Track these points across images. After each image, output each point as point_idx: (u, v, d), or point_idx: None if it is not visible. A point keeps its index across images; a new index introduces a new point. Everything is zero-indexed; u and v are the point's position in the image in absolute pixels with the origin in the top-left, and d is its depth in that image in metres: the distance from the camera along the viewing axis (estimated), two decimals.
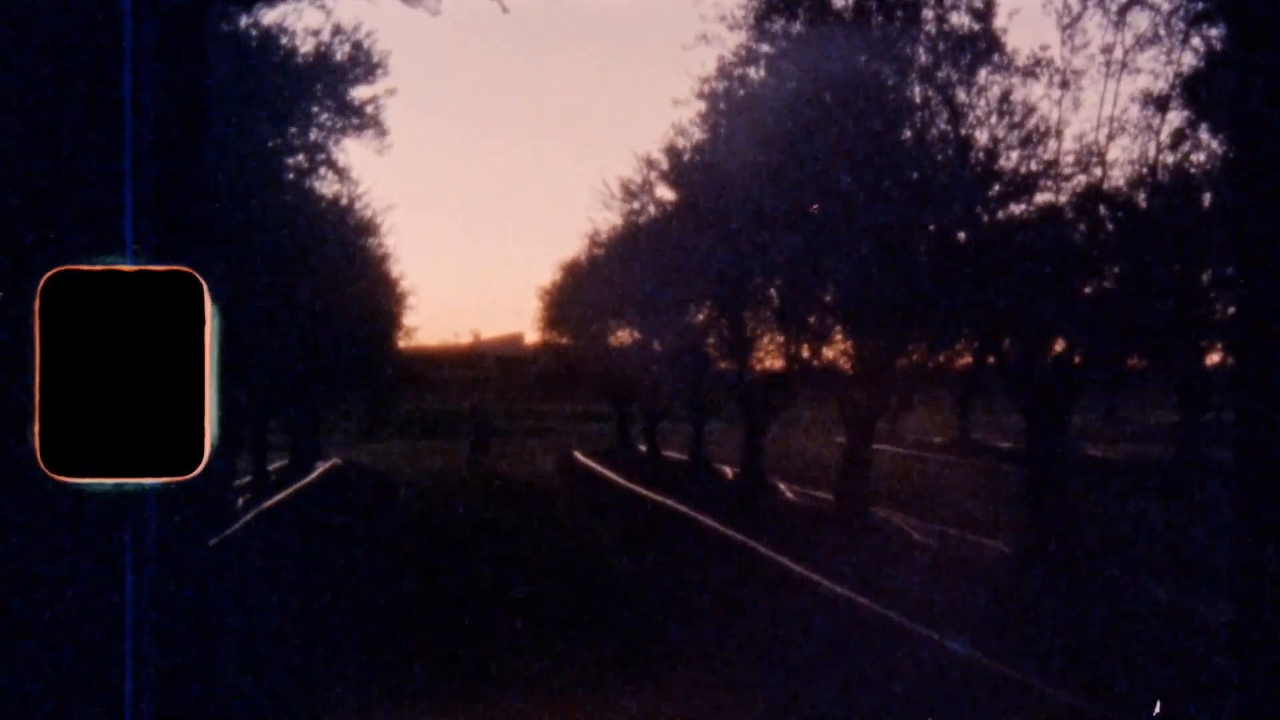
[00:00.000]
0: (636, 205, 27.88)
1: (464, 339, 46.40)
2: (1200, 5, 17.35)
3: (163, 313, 3.70)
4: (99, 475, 3.75)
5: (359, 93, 20.84)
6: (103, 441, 3.72)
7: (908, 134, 19.39)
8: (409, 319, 34.24)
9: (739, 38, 20.45)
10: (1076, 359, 19.69)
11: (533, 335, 41.35)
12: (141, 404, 3.72)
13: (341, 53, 20.14)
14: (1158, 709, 11.16)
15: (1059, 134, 18.61)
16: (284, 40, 19.41)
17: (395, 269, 31.47)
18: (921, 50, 18.62)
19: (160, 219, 4.34)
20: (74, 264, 3.71)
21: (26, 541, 4.33)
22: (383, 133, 21.35)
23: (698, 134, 24.21)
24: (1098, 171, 18.72)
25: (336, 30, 20.05)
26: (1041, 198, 19.31)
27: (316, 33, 20.14)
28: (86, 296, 3.69)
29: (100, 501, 4.28)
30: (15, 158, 4.26)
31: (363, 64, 20.45)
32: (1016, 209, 19.56)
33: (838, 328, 24.05)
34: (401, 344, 35.44)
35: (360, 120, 21.00)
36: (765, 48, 20.35)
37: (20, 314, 4.03)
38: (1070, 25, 17.86)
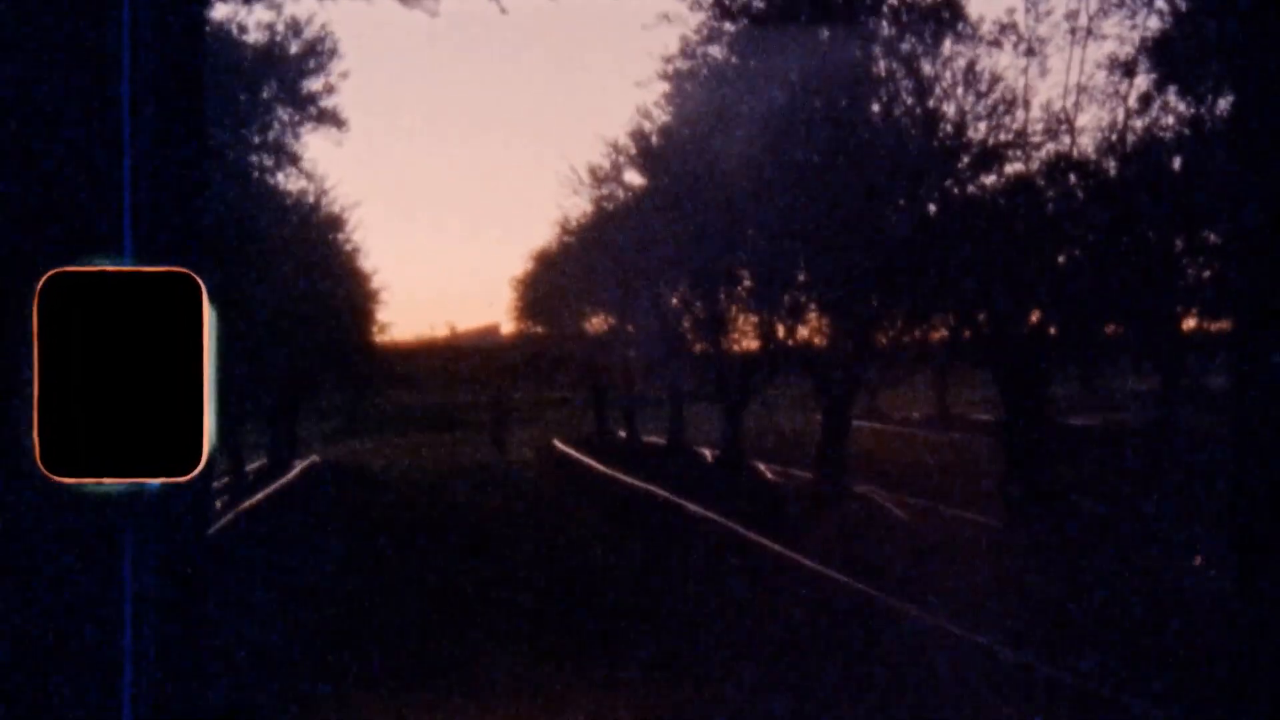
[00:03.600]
0: (606, 191, 27.83)
1: (440, 332, 46.32)
2: None
3: (161, 314, 3.72)
4: (97, 476, 3.76)
5: (314, 85, 20.76)
6: (101, 442, 3.74)
7: (875, 108, 19.29)
8: (383, 314, 34.15)
9: (700, 17, 20.34)
10: (1052, 329, 19.64)
11: (508, 325, 41.32)
12: (140, 405, 3.74)
13: (295, 45, 20.04)
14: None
15: (1026, 103, 18.55)
16: (236, 35, 19.27)
17: (366, 264, 31.38)
18: (885, 23, 18.51)
19: (158, 220, 4.34)
20: (72, 265, 3.72)
21: (24, 543, 4.32)
22: (340, 123, 21.25)
23: (663, 116, 24.12)
24: (1066, 140, 18.65)
25: (290, 24, 19.94)
26: (1011, 168, 19.24)
27: (269, 26, 20.03)
28: (85, 297, 3.71)
29: (99, 502, 4.29)
30: (13, 158, 4.24)
31: (317, 55, 20.35)
32: (987, 180, 19.50)
33: (812, 305, 23.98)
34: (378, 339, 35.38)
35: (318, 112, 20.89)
36: (728, 26, 20.24)
37: (18, 315, 4.02)
38: None
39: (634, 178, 26.97)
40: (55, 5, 4.20)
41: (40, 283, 3.65)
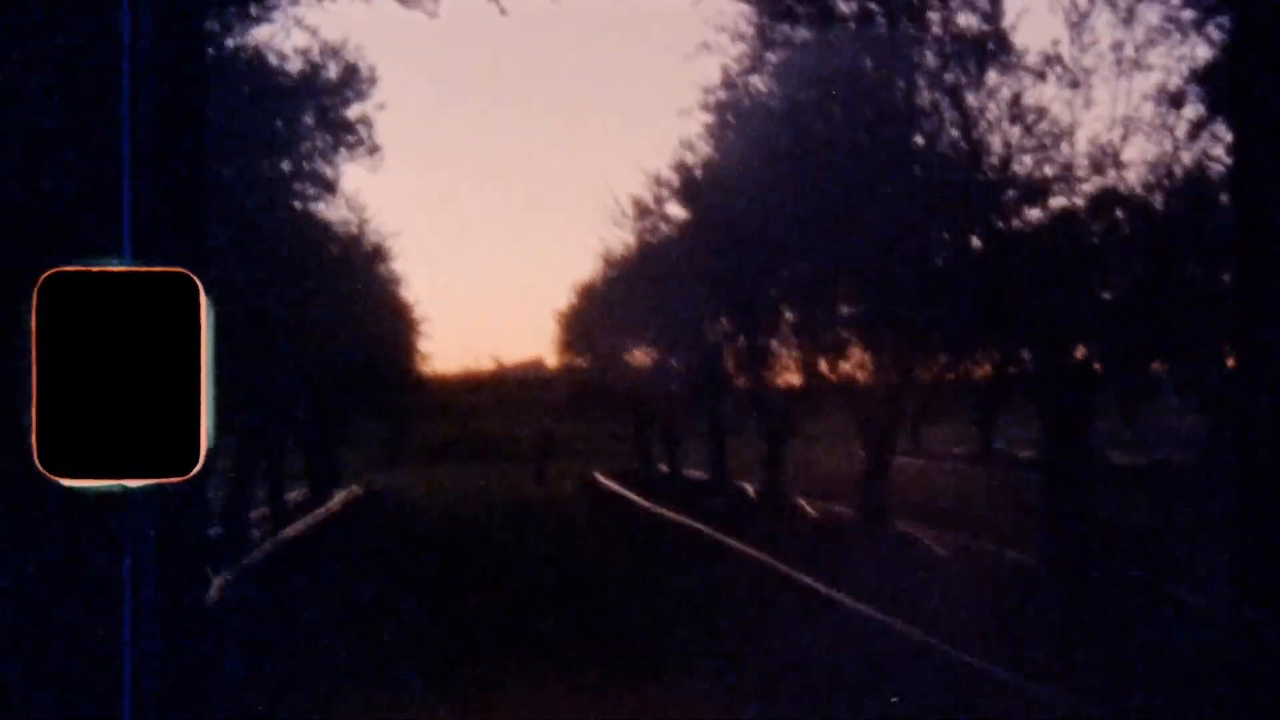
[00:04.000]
0: (648, 223, 27.77)
1: (486, 365, 46.41)
2: None
3: (159, 313, 3.72)
4: (96, 476, 3.77)
5: (351, 111, 20.80)
6: (99, 442, 3.75)
7: (919, 140, 19.16)
8: (425, 345, 34.19)
9: (741, 47, 20.25)
10: (1096, 366, 19.42)
11: (552, 359, 41.35)
12: (138, 405, 3.75)
13: (332, 71, 20.07)
14: None
15: (1072, 136, 18.34)
16: (273, 61, 19.33)
17: (408, 294, 31.41)
18: (929, 54, 18.38)
19: (157, 220, 4.37)
20: (71, 265, 3.72)
21: (23, 543, 4.33)
22: (374, 150, 21.26)
23: (705, 148, 24.08)
24: (1112, 173, 18.44)
25: (325, 49, 19.97)
26: (1056, 202, 19.04)
27: (305, 51, 20.07)
28: (83, 297, 3.71)
29: (97, 502, 4.33)
30: (12, 158, 4.26)
31: (353, 81, 20.37)
32: (1031, 214, 19.30)
33: (854, 340, 23.85)
34: (423, 370, 35.45)
35: (354, 139, 20.91)
36: (769, 56, 20.15)
37: (17, 315, 4.05)
38: (1079, 23, 17.58)
39: (676, 210, 26.94)
40: (55, 8, 4.20)
41: (39, 282, 3.65)
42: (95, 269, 3.69)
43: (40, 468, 3.69)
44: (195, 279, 3.71)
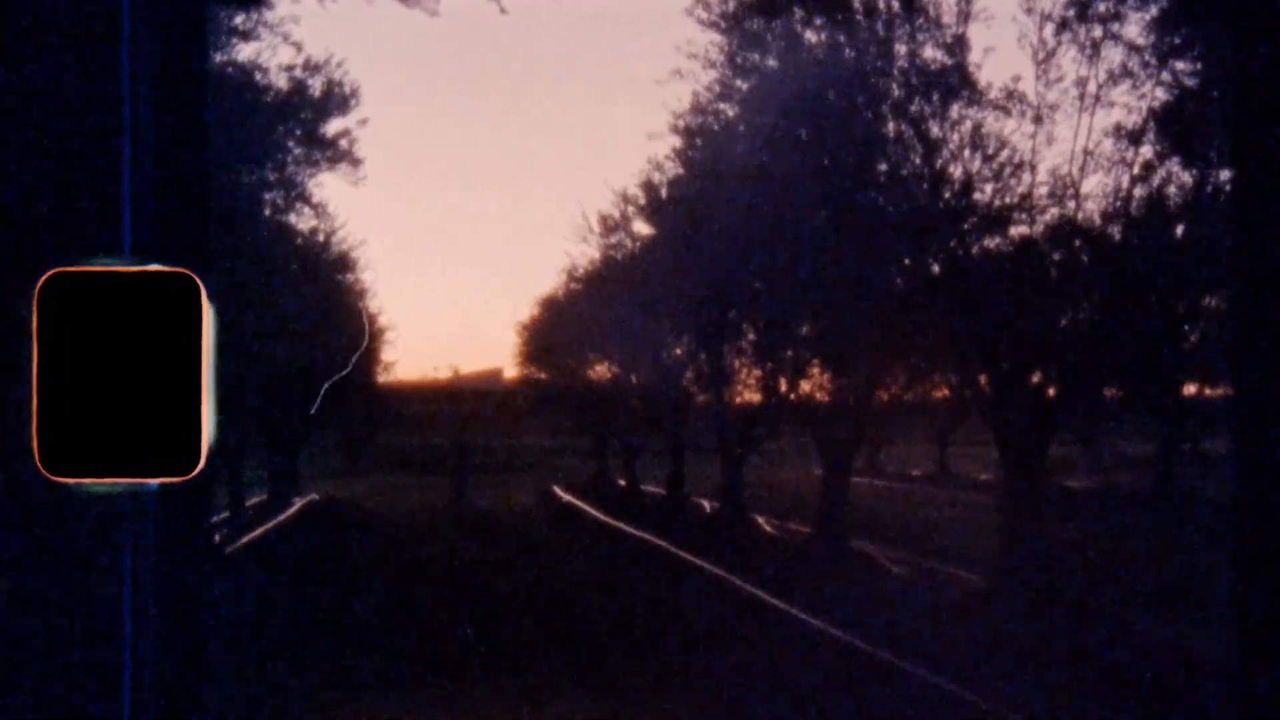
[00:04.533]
0: (614, 240, 27.97)
1: (443, 374, 46.37)
2: (1174, 39, 17.44)
3: (161, 314, 3.70)
4: (96, 476, 3.74)
5: (332, 127, 20.92)
6: (100, 443, 3.72)
7: (882, 168, 19.44)
8: (387, 354, 34.23)
9: (712, 74, 20.55)
10: (1052, 391, 19.73)
11: (512, 370, 41.40)
12: (139, 405, 3.72)
13: (315, 87, 20.21)
14: None
15: (1033, 167, 18.68)
16: (258, 77, 19.45)
17: (373, 304, 31.48)
18: (895, 86, 18.69)
19: (158, 219, 4.35)
20: (72, 265, 3.70)
21: (23, 543, 4.33)
22: (356, 163, 21.39)
23: (673, 169, 24.30)
24: (1071, 204, 18.79)
25: (309, 65, 20.10)
26: (1016, 230, 19.37)
27: (290, 68, 20.20)
28: (84, 297, 3.68)
29: (97, 503, 4.29)
30: (13, 158, 4.26)
31: (335, 97, 20.51)
32: (991, 243, 19.62)
33: (815, 360, 24.09)
34: (380, 379, 35.42)
35: (335, 153, 21.04)
36: (739, 83, 20.44)
37: (18, 315, 4.04)
38: (1045, 60, 17.95)
39: (642, 228, 27.15)
40: (56, 6, 4.19)
41: (40, 282, 3.63)
42: (97, 269, 3.67)
43: (40, 467, 3.67)
44: (197, 279, 3.69)
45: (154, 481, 3.79)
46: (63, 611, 4.19)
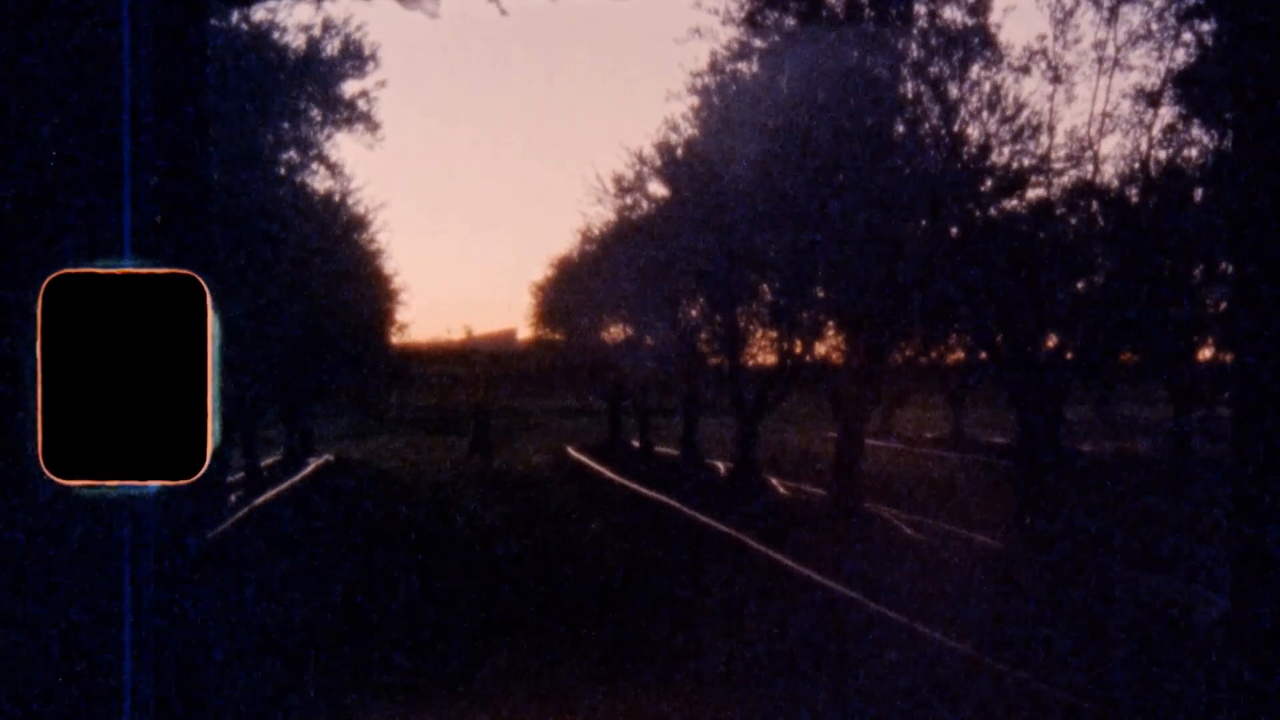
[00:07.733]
0: (629, 200, 27.90)
1: (457, 335, 46.34)
2: (1192, 1, 17.38)
3: (165, 316, 3.66)
4: (101, 478, 3.71)
5: (350, 87, 20.92)
6: (105, 445, 3.69)
7: (900, 129, 19.40)
8: (402, 315, 34.22)
9: (731, 32, 20.50)
10: (1068, 354, 19.73)
11: (525, 331, 41.37)
12: (143, 407, 3.69)
13: (332, 47, 20.19)
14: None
15: (1051, 129, 18.64)
16: (275, 36, 19.43)
17: (388, 265, 31.46)
18: (914, 46, 18.63)
19: (162, 222, 4.32)
20: (76, 267, 3.67)
21: (27, 544, 4.30)
22: (374, 127, 21.39)
23: (690, 129, 24.24)
24: (1089, 167, 18.75)
25: (327, 25, 20.09)
26: (1033, 193, 19.34)
27: (308, 28, 20.17)
28: (88, 299, 3.65)
29: (101, 504, 4.25)
30: (16, 160, 4.23)
31: (353, 58, 20.48)
32: (1009, 204, 19.60)
33: (830, 322, 24.08)
34: (394, 340, 35.42)
35: (351, 114, 21.03)
36: (758, 42, 20.38)
37: (23, 317, 4.00)
38: (1063, 20, 17.89)
39: (658, 189, 27.09)
40: (56, 9, 4.16)
41: (44, 284, 3.62)
42: (100, 270, 3.65)
43: (45, 469, 3.67)
44: (200, 280, 3.69)
45: (157, 484, 3.77)
46: (64, 611, 4.17)
